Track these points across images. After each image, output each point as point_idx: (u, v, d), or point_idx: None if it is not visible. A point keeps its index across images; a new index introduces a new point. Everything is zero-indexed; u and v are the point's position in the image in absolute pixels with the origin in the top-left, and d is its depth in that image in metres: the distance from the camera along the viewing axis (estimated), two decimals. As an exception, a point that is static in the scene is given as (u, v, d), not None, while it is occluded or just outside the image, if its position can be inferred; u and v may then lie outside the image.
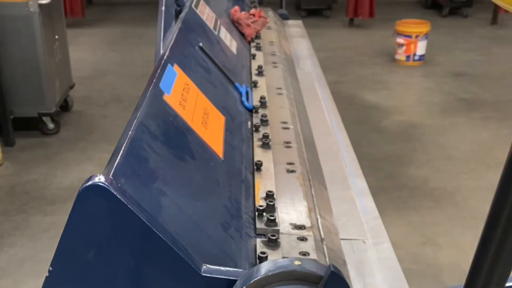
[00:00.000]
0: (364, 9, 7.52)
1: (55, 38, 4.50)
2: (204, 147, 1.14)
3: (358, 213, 1.37)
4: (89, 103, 5.12)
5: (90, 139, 4.43)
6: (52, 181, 3.79)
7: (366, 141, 4.22)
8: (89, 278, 0.77)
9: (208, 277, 0.79)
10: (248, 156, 1.33)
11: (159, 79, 1.17)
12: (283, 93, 1.79)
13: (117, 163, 0.83)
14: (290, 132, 1.53)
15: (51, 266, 0.76)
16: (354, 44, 6.94)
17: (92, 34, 7.46)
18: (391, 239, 1.28)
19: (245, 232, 1.02)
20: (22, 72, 4.23)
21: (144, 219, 0.74)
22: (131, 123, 0.97)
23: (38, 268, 2.89)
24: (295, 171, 1.32)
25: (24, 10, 4.11)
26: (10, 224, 3.31)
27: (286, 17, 3.10)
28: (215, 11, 2.01)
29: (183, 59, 1.38)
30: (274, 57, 2.13)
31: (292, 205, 1.17)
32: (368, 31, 7.45)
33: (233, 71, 1.72)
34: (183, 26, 1.57)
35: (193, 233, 0.89)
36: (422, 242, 3.16)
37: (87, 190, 0.73)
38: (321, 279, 0.74)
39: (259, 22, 2.25)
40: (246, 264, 0.93)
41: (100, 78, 5.78)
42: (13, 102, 4.24)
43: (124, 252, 0.77)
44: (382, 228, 1.31)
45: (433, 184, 3.74)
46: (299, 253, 0.99)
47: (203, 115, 1.24)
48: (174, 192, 0.93)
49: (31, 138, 4.37)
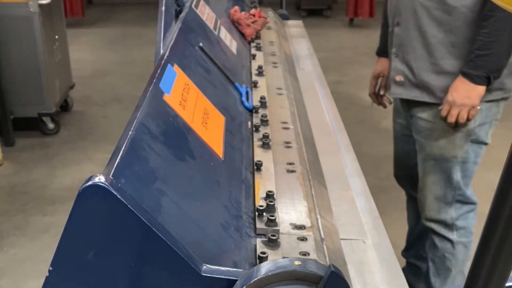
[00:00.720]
0: (364, 9, 7.53)
1: (55, 38, 4.50)
2: (204, 147, 1.14)
3: (358, 213, 1.37)
4: (89, 103, 5.12)
5: (90, 139, 4.43)
6: (52, 181, 3.79)
7: (366, 141, 4.22)
8: (89, 278, 0.77)
9: (208, 277, 0.79)
10: (248, 156, 1.33)
11: (159, 79, 1.17)
12: (283, 93, 1.80)
13: (117, 163, 0.83)
14: (290, 132, 1.53)
15: (51, 266, 0.76)
16: (354, 44, 6.94)
17: (92, 34, 7.46)
18: (391, 239, 1.28)
19: (245, 232, 1.02)
20: (22, 72, 4.23)
21: (144, 219, 0.75)
22: (131, 123, 0.97)
23: (38, 268, 2.89)
24: (295, 171, 1.32)
25: (24, 10, 4.11)
26: (10, 224, 3.31)
27: (286, 17, 3.10)
28: (215, 11, 2.01)
29: (183, 59, 1.38)
30: (274, 57, 2.13)
31: (292, 205, 1.17)
32: (368, 31, 7.45)
33: (233, 71, 1.72)
34: (183, 26, 1.57)
35: (193, 233, 0.89)
36: (422, 242, 3.15)
37: (87, 190, 0.73)
38: (321, 279, 0.74)
39: (259, 22, 2.25)
40: (246, 264, 0.93)
41: (100, 78, 5.78)
42: (13, 102, 4.24)
43: (124, 252, 0.77)
44: (382, 228, 1.31)
45: (433, 184, 3.73)
46: (299, 253, 0.99)
47: (203, 115, 1.24)
48: (174, 192, 0.93)
49: (31, 138, 4.37)
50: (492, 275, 0.58)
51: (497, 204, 0.55)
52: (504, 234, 0.55)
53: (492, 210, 0.55)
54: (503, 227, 0.55)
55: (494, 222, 0.56)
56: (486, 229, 0.57)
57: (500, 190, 0.54)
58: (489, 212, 0.55)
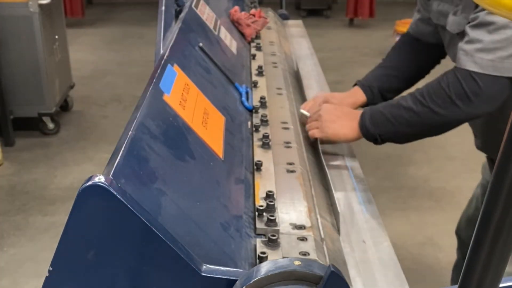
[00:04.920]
0: (364, 9, 7.53)
1: (55, 38, 4.51)
2: (204, 147, 1.14)
3: (358, 213, 1.37)
4: (89, 103, 5.12)
5: (90, 139, 4.43)
6: (52, 181, 3.80)
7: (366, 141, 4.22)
8: (89, 278, 0.77)
9: (208, 277, 0.79)
10: (248, 156, 1.33)
11: (159, 79, 1.17)
12: (283, 93, 1.80)
13: (117, 163, 0.83)
14: (290, 132, 1.53)
15: (51, 266, 0.76)
16: (354, 44, 6.94)
17: (92, 34, 7.46)
18: (391, 239, 1.27)
19: (245, 232, 1.02)
20: (22, 72, 4.23)
21: (144, 219, 0.75)
22: (131, 123, 0.97)
23: (38, 268, 2.89)
24: (295, 171, 1.32)
25: (24, 10, 4.11)
26: (10, 224, 3.31)
27: (286, 17, 3.10)
28: (215, 11, 2.01)
29: (183, 59, 1.38)
30: (274, 57, 2.13)
31: (292, 205, 1.17)
32: (368, 31, 7.45)
33: (233, 71, 1.72)
34: (183, 26, 1.57)
35: (193, 233, 0.89)
36: (422, 242, 3.16)
37: (87, 190, 0.73)
38: (321, 279, 0.74)
39: (259, 22, 2.25)
40: (246, 264, 0.94)
41: (100, 78, 5.78)
42: (13, 102, 4.24)
43: (124, 252, 0.77)
44: (382, 228, 1.31)
45: (433, 184, 3.74)
46: (299, 253, 0.99)
47: (203, 115, 1.24)
48: (174, 192, 0.93)
49: (31, 138, 4.38)
50: (485, 277, 0.58)
51: (488, 205, 0.55)
52: (496, 236, 0.55)
53: (484, 211, 0.55)
54: (495, 229, 0.55)
55: (485, 224, 0.56)
56: (478, 231, 0.57)
57: (492, 190, 0.54)
58: (480, 213, 0.55)
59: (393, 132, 1.58)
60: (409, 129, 1.57)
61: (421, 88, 1.56)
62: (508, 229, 0.55)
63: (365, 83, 1.90)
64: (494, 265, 0.57)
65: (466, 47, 1.48)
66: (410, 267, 2.88)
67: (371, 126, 1.59)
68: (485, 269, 0.58)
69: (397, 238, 3.06)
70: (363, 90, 1.89)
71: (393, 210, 3.38)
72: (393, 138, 1.61)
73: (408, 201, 3.55)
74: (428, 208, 3.48)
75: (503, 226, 0.55)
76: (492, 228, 0.55)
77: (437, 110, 1.50)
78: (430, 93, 1.52)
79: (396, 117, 1.55)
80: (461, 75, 1.47)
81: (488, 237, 0.56)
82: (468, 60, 1.46)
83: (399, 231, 3.19)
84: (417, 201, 3.55)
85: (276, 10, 3.05)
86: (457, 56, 1.51)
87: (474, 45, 1.46)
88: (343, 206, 1.37)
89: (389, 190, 3.61)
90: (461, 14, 1.54)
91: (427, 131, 1.59)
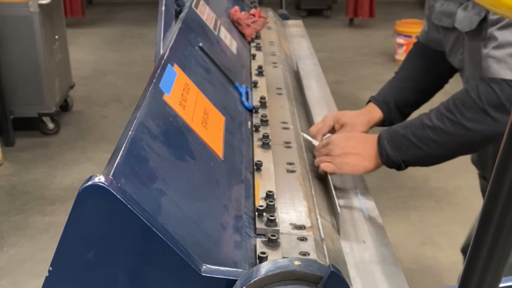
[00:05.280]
0: (364, 9, 7.52)
1: (55, 38, 4.51)
2: (204, 147, 1.14)
3: (358, 213, 1.37)
4: (89, 103, 5.12)
5: (90, 139, 4.43)
6: (52, 181, 3.80)
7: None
8: (89, 278, 0.77)
9: (208, 277, 0.79)
10: (248, 156, 1.33)
11: (159, 79, 1.17)
12: (283, 93, 1.80)
13: (117, 163, 0.83)
14: (290, 132, 1.53)
15: (51, 266, 0.76)
16: (354, 44, 6.94)
17: (92, 34, 7.46)
18: (391, 239, 1.28)
19: (245, 232, 1.02)
20: (22, 72, 4.23)
21: (144, 219, 0.75)
22: (131, 123, 0.97)
23: (38, 268, 2.89)
24: (295, 171, 1.32)
25: (24, 10, 4.11)
26: (10, 224, 3.32)
27: (286, 17, 3.10)
28: (215, 11, 2.01)
29: (183, 59, 1.38)
30: (274, 57, 2.13)
31: (292, 205, 1.17)
32: (368, 31, 7.45)
33: (233, 71, 1.72)
34: (183, 26, 1.57)
35: (193, 233, 0.89)
36: (422, 242, 3.16)
37: (87, 190, 0.73)
38: (321, 279, 0.74)
39: (259, 22, 2.25)
40: (246, 264, 0.94)
41: (100, 78, 5.78)
42: (13, 102, 4.24)
43: (124, 252, 0.77)
44: (382, 228, 1.31)
45: (433, 184, 3.74)
46: (299, 253, 1.00)
47: (203, 115, 1.24)
48: (174, 192, 0.93)
49: (31, 138, 4.38)
50: (485, 277, 0.58)
51: (488, 205, 0.55)
52: (496, 236, 0.55)
53: (484, 211, 0.55)
54: (495, 229, 0.55)
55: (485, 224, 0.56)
56: (478, 231, 0.57)
57: (491, 192, 0.54)
58: (481, 213, 0.55)
59: (420, 156, 1.39)
60: (438, 151, 1.38)
61: (446, 102, 1.38)
62: (508, 229, 0.55)
63: (379, 98, 1.74)
64: (494, 265, 0.57)
65: (497, 53, 1.30)
66: (410, 267, 2.88)
67: (392, 152, 1.40)
68: (485, 269, 0.58)
69: (397, 238, 3.06)
70: (378, 106, 1.72)
71: (393, 210, 3.38)
72: (420, 163, 1.44)
73: (408, 201, 3.55)
74: (428, 208, 3.48)
75: (503, 226, 0.55)
76: (492, 228, 0.55)
77: (470, 125, 1.32)
78: (458, 107, 1.34)
79: (421, 139, 1.36)
80: (497, 85, 1.28)
81: (488, 237, 0.56)
82: (503, 67, 1.28)
83: (399, 231, 3.19)
84: (417, 201, 3.55)
85: (276, 10, 3.05)
86: (484, 64, 1.33)
87: (506, 50, 1.29)
88: (343, 206, 1.37)
89: (389, 190, 3.61)
90: (473, 10, 1.38)
91: (458, 150, 1.40)
